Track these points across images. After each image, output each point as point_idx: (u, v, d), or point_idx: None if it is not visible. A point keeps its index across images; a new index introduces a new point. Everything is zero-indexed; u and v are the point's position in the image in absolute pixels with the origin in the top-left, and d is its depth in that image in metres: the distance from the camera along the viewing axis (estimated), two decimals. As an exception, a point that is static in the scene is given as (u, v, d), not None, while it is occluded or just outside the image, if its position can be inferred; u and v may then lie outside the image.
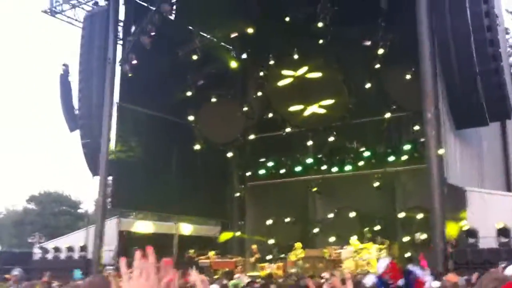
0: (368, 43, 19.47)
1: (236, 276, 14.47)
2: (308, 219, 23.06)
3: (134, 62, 19.14)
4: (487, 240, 12.47)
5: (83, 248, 18.57)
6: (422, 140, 17.03)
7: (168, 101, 20.90)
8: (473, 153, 16.04)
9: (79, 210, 47.50)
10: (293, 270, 17.82)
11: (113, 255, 19.08)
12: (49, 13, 22.24)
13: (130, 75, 19.47)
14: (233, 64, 22.64)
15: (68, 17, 22.57)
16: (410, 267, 2.53)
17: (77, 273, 13.93)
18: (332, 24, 19.25)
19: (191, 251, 20.99)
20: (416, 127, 19.53)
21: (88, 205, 26.18)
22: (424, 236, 16.76)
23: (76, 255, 18.68)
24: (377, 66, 20.16)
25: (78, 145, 20.47)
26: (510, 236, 11.64)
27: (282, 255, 19.91)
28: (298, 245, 18.90)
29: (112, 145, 19.57)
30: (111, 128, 19.33)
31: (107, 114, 19.02)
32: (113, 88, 19.53)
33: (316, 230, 22.39)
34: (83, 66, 20.20)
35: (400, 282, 2.42)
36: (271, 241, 22.39)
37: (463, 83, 14.33)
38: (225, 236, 24.12)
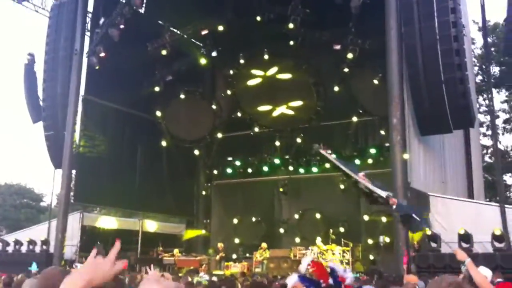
0: (338, 47, 19.62)
1: (200, 274, 14.39)
2: (273, 219, 23.18)
3: (102, 54, 18.80)
4: (449, 245, 12.75)
5: (45, 242, 18.15)
6: (387, 144, 17.30)
7: (135, 96, 20.64)
8: (436, 159, 16.39)
9: (41, 203, 46.46)
10: (258, 270, 17.88)
11: (76, 250, 18.77)
12: (16, 0, 21.62)
13: (97, 67, 19.12)
14: (203, 61, 22.50)
15: (35, 5, 22.02)
16: (331, 265, 2.55)
17: (34, 266, 13.72)
18: (303, 26, 19.34)
19: (160, 248, 20.79)
20: (382, 132, 19.83)
21: (50, 199, 25.60)
22: (387, 239, 17.03)
23: (37, 249, 18.24)
24: (346, 70, 20.39)
25: (42, 137, 20.03)
26: (471, 241, 11.92)
27: (247, 255, 19.95)
28: (264, 245, 18.97)
29: (76, 138, 19.18)
30: (76, 121, 18.94)
31: (72, 107, 18.62)
32: (79, 80, 19.15)
33: (281, 230, 22.52)
34: (49, 56, 19.73)
35: (330, 281, 2.46)
36: (237, 240, 22.41)
37: (429, 91, 14.59)
38: (190, 234, 24.00)
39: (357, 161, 20.97)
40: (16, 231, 22.82)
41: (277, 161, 23.00)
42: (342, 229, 19.93)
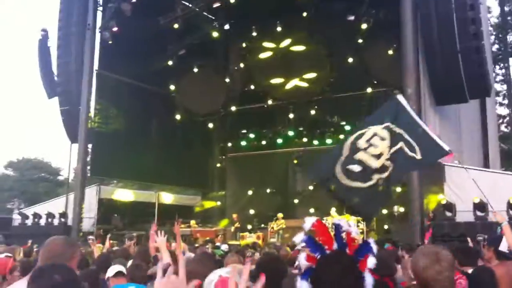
0: (352, 18, 19.43)
1: (217, 244, 14.63)
2: (288, 190, 23.33)
3: (115, 29, 18.82)
4: (464, 214, 12.83)
5: (63, 215, 18.50)
6: (402, 115, 17.20)
7: (148, 70, 20.64)
8: (451, 129, 16.31)
9: (59, 177, 47.10)
10: (273, 240, 18.10)
11: (93, 222, 19.13)
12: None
13: (110, 42, 19.16)
14: (215, 35, 22.39)
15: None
16: (337, 221, 2.52)
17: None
18: (316, -3, 19.15)
19: (179, 219, 21.04)
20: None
21: (68, 172, 26.06)
22: (402, 209, 17.11)
23: (56, 221, 18.61)
24: (360, 41, 20.23)
25: (58, 112, 20.26)
26: (486, 210, 11.98)
27: (262, 225, 20.19)
28: (280, 215, 19.14)
29: (91, 113, 19.35)
30: (91, 96, 19.09)
31: (86, 82, 18.79)
32: (93, 55, 19.29)
33: (296, 201, 22.69)
34: (62, 32, 19.82)
35: (335, 245, 2.46)
36: (252, 211, 22.65)
37: (444, 60, 14.49)
38: (205, 205, 24.30)
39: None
40: (35, 204, 23.26)
41: (291, 133, 23.03)
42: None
